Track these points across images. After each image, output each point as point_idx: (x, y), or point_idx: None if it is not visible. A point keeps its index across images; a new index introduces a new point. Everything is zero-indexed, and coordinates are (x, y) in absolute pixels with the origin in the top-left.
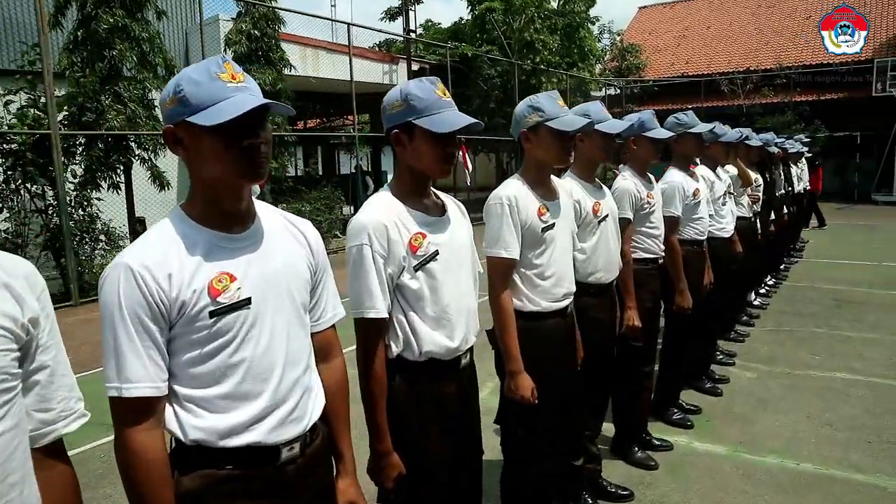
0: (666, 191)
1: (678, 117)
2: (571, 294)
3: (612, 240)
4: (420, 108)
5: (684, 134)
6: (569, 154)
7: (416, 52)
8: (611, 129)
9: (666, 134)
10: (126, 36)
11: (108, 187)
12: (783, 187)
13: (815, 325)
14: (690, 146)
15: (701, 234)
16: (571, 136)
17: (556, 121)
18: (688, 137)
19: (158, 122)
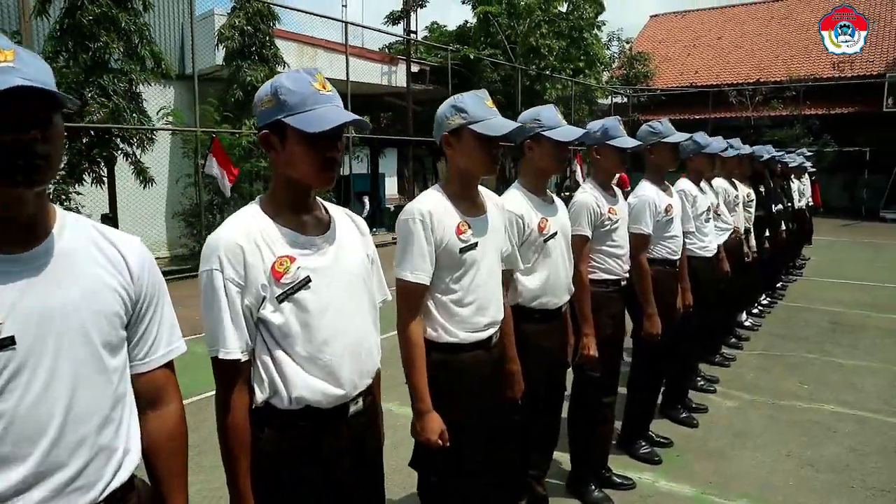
0: (635, 206)
1: (652, 125)
2: (497, 323)
3: (563, 260)
4: (291, 105)
5: (658, 144)
6: (494, 162)
7: (418, 55)
8: (562, 136)
9: (631, 143)
10: (112, 27)
11: (91, 181)
12: (782, 202)
13: (808, 349)
14: (665, 157)
15: (674, 254)
16: (496, 141)
17: (479, 124)
18: (662, 147)
19: (145, 116)
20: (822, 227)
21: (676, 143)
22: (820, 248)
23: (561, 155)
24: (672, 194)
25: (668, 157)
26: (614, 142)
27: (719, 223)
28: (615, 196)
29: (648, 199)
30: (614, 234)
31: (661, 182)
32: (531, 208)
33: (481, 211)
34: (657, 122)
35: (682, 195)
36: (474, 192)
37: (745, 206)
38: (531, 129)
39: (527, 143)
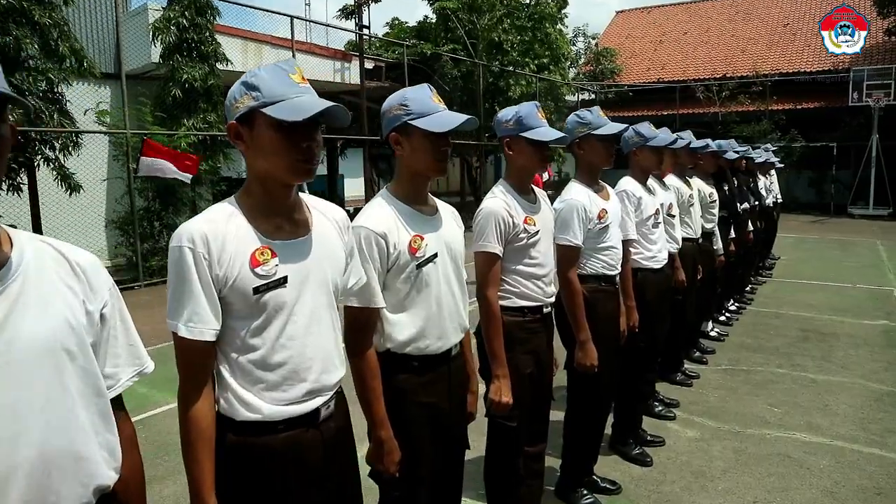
0: (561, 212)
1: (580, 115)
2: (329, 389)
3: (449, 289)
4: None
5: (588, 137)
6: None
7: (374, 51)
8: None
9: (553, 135)
10: (25, 20)
11: (7, 189)
12: (748, 201)
13: (777, 363)
14: (598, 153)
15: (611, 267)
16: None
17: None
18: (593, 141)
19: (66, 118)
20: (791, 224)
21: (611, 135)
22: (788, 246)
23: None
24: (609, 196)
25: (602, 153)
26: (530, 133)
27: (679, 225)
28: (536, 201)
29: (577, 204)
30: (533, 250)
31: (593, 182)
32: (401, 225)
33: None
34: (586, 111)
35: (624, 196)
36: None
37: (708, 206)
38: None
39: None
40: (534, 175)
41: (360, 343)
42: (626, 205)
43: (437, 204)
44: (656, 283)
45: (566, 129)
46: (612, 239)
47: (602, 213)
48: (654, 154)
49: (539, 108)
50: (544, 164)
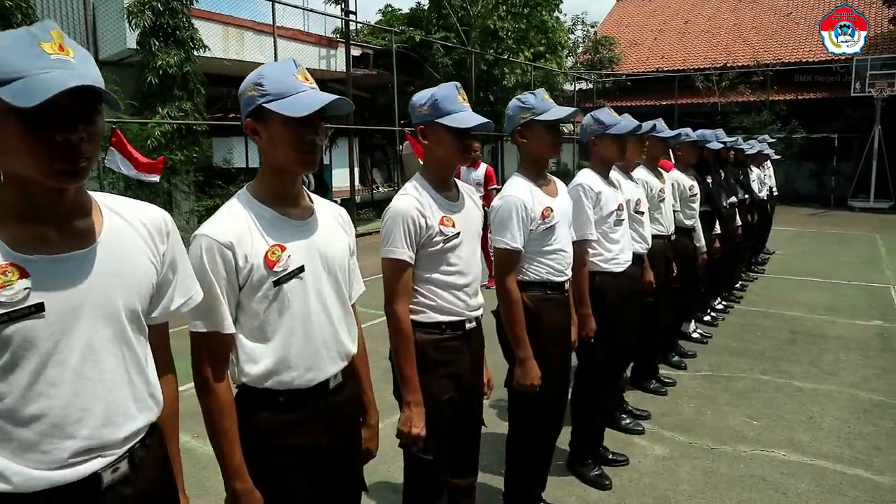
0: (498, 212)
1: (522, 99)
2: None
3: (322, 308)
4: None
5: (531, 123)
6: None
7: (363, 38)
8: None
9: (475, 120)
10: None
11: None
12: (735, 194)
13: (762, 368)
14: (541, 142)
15: (558, 273)
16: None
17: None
18: (535, 128)
19: None
20: (789, 217)
21: (557, 120)
22: (784, 241)
23: None
24: (557, 192)
25: (547, 142)
26: (447, 119)
27: (648, 222)
28: (458, 198)
29: (515, 201)
30: (451, 255)
31: (538, 176)
32: (257, 233)
33: None
34: (529, 94)
35: (581, 192)
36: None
37: (687, 200)
38: None
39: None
40: (455, 168)
41: (206, 376)
42: (584, 201)
43: (317, 205)
44: (618, 288)
45: (507, 115)
46: (559, 241)
47: (546, 212)
48: (616, 143)
49: (460, 90)
50: (466, 154)
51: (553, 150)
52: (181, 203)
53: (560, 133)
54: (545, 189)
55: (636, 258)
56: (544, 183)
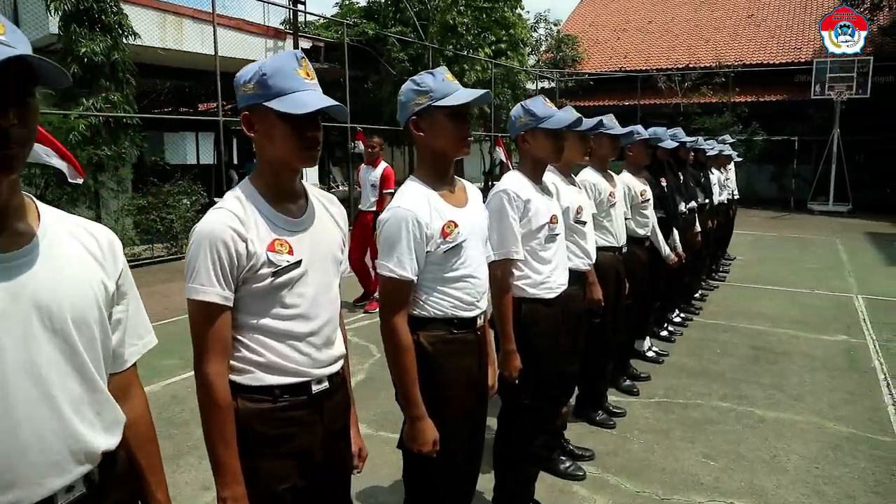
0: (384, 228)
1: (417, 80)
2: None
3: None
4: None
5: (427, 111)
6: (312, 149)
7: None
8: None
9: (318, 102)
10: None
11: None
12: (695, 198)
13: (721, 393)
14: (441, 133)
15: (468, 307)
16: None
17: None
18: (435, 117)
19: None
20: (751, 221)
21: (463, 106)
22: (746, 245)
23: None
24: (466, 200)
25: (448, 134)
26: (277, 103)
27: (592, 233)
28: (303, 211)
29: (405, 214)
30: (285, 295)
31: (439, 179)
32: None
33: None
34: (427, 73)
35: (505, 199)
36: None
37: (639, 206)
38: None
39: None
40: (294, 166)
41: None
42: (508, 211)
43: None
44: (550, 318)
45: (399, 101)
46: (468, 264)
47: (448, 228)
48: (551, 140)
49: (301, 60)
50: (311, 148)
51: (459, 145)
52: (109, 201)
53: (468, 123)
54: (449, 197)
55: (575, 276)
56: (448, 189)
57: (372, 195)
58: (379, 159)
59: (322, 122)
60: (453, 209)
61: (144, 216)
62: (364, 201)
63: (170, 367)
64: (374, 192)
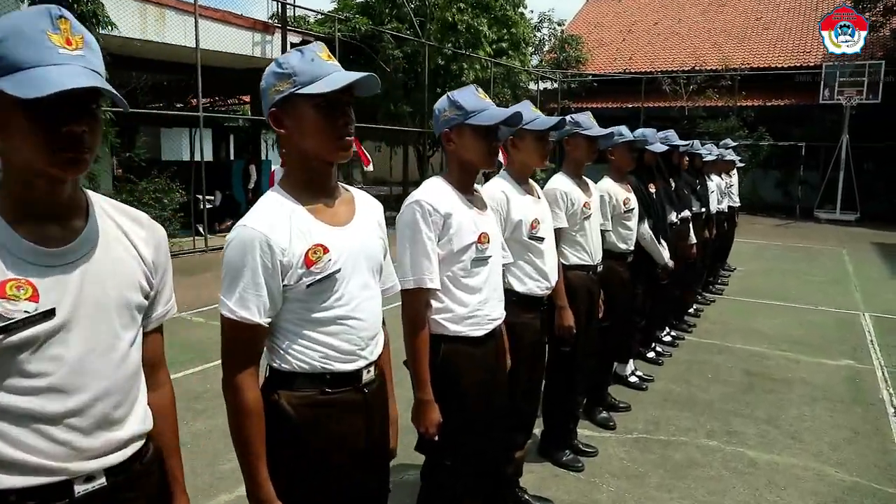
0: (227, 251)
1: (280, 60)
2: None
3: None
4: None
5: (290, 98)
6: None
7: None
8: None
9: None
10: None
11: None
12: (689, 207)
13: (708, 430)
14: (308, 131)
15: (347, 357)
16: None
17: None
18: (300, 108)
19: None
20: (754, 228)
21: (330, 93)
22: (748, 255)
23: None
24: (354, 214)
25: (319, 134)
26: (7, 83)
27: (553, 249)
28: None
29: (251, 237)
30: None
31: (308, 190)
32: None
33: None
34: (295, 52)
35: (416, 212)
36: None
37: (621, 217)
38: None
39: None
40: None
41: None
42: (421, 227)
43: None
44: (478, 360)
45: (262, 89)
46: (346, 301)
47: (314, 255)
48: (482, 140)
49: (58, 20)
50: (67, 149)
51: (335, 146)
52: None
53: (347, 118)
54: (322, 212)
55: (530, 302)
56: (324, 202)
57: None
58: None
59: None
60: (326, 229)
61: None
62: None
63: None
64: None
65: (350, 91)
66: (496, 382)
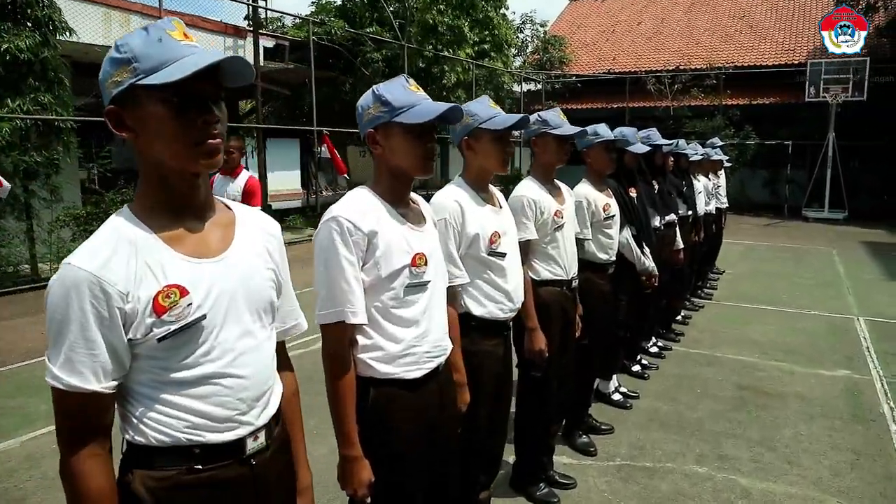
0: (48, 300)
1: (120, 43)
2: None
3: None
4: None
5: (132, 93)
6: None
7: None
8: None
9: None
10: None
11: None
12: (675, 210)
13: (697, 454)
14: (155, 136)
15: (225, 426)
16: None
17: None
18: (141, 105)
19: None
20: (742, 228)
21: (175, 83)
22: (736, 257)
23: None
24: (232, 240)
25: (168, 137)
26: None
27: (519, 265)
28: None
29: (75, 281)
30: None
31: (162, 212)
32: None
33: None
34: (139, 31)
35: (333, 230)
36: None
37: (601, 224)
38: None
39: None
40: None
41: None
42: (339, 249)
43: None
44: (416, 406)
45: (100, 79)
46: (218, 354)
47: (164, 298)
48: (414, 142)
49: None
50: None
51: (192, 153)
52: (41, 213)
53: (209, 115)
54: (183, 241)
55: (493, 328)
56: (186, 225)
57: None
58: (239, 167)
59: None
60: (186, 264)
61: (84, 227)
62: None
63: None
64: None
65: (214, 80)
66: (443, 428)
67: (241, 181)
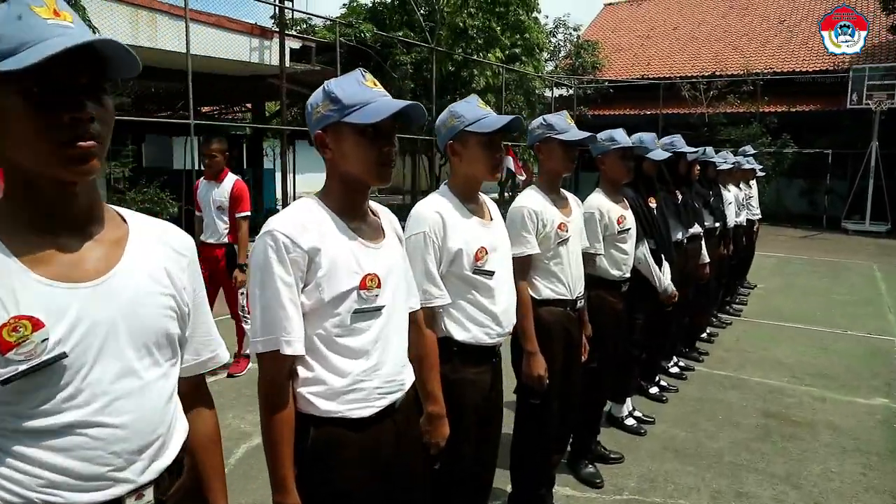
0: None
1: None
2: None
3: None
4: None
5: None
6: None
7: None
8: None
9: None
10: None
11: None
12: (700, 222)
13: (714, 490)
14: (14, 141)
15: (94, 484)
16: None
17: None
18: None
19: None
20: (778, 240)
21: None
22: (769, 270)
23: None
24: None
25: (26, 142)
26: None
27: (510, 284)
28: None
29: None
30: None
31: (27, 226)
32: None
33: None
34: None
35: (271, 249)
36: None
37: (615, 238)
38: None
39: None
40: None
41: None
42: (274, 269)
43: None
44: (363, 450)
45: None
46: (86, 399)
47: (10, 333)
48: (368, 145)
49: None
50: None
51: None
52: None
53: (83, 110)
54: (43, 262)
55: (479, 353)
56: (60, 244)
57: (220, 221)
58: (224, 171)
59: None
60: (46, 290)
61: None
62: (209, 230)
63: None
64: (221, 216)
65: (94, 69)
66: (403, 460)
67: (228, 185)
